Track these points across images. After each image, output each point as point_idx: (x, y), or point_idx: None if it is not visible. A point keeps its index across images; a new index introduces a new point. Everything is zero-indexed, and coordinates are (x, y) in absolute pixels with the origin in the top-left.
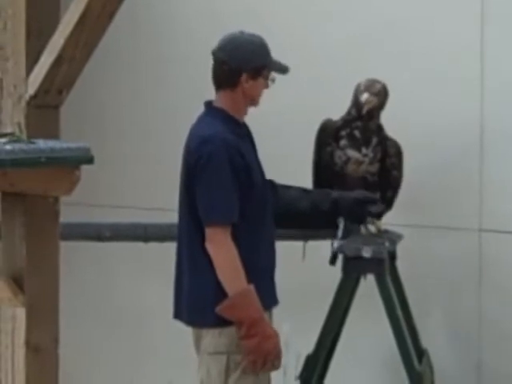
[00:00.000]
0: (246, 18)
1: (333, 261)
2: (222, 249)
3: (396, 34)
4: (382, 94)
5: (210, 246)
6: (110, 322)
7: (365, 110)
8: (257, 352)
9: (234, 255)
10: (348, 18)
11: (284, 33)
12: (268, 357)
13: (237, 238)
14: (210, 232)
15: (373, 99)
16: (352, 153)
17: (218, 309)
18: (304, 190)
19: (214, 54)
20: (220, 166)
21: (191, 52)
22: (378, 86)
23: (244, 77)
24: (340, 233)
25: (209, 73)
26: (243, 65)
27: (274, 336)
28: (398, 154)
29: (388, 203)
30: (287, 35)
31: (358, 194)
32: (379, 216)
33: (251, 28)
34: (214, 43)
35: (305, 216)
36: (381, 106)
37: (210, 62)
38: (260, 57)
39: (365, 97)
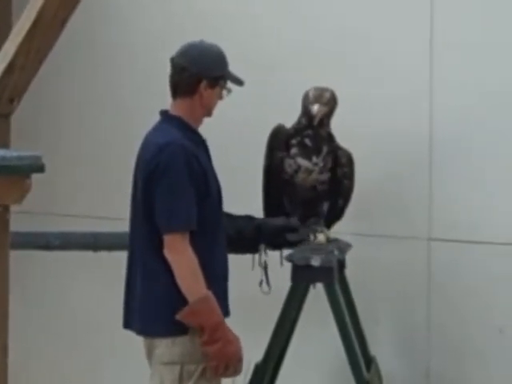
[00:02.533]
0: (200, 25)
1: (261, 283)
2: (182, 256)
3: (348, 45)
4: (331, 102)
5: (169, 254)
6: (63, 331)
7: (316, 121)
8: (220, 357)
9: (194, 262)
10: (300, 26)
11: (236, 38)
12: (230, 361)
13: (194, 247)
14: (169, 239)
15: (324, 109)
16: (302, 161)
17: (179, 315)
18: (228, 216)
19: (174, 60)
20: (178, 172)
21: (147, 61)
22: (327, 95)
23: (203, 84)
24: (261, 259)
25: (165, 82)
26: (203, 72)
27: (236, 340)
28: (350, 163)
29: (339, 212)
30: (239, 41)
31: (280, 221)
32: (296, 244)
33: (205, 34)
34: (170, 52)
35: (229, 241)
36: (330, 112)
37: (167, 71)
38: (219, 66)
39: (315, 108)
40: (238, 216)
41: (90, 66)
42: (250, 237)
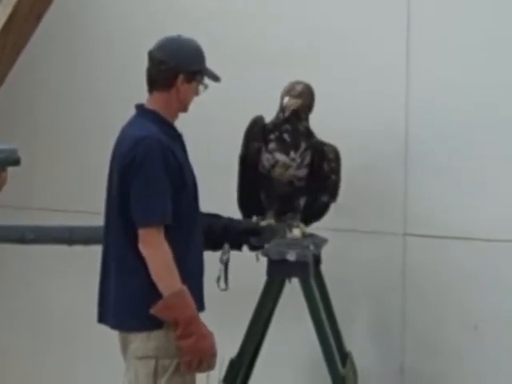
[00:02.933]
0: (179, 19)
1: (219, 279)
2: (157, 250)
3: (325, 42)
4: (305, 95)
5: (144, 248)
6: (38, 325)
7: (287, 113)
8: (193, 352)
9: (169, 256)
10: (279, 24)
11: (214, 34)
12: (204, 356)
13: (169, 241)
14: (144, 234)
15: (295, 101)
16: (280, 156)
17: (154, 310)
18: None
19: (152, 53)
20: (155, 166)
21: (123, 55)
22: (299, 88)
23: (180, 78)
24: (224, 258)
25: (141, 76)
26: (181, 65)
27: (210, 335)
28: (337, 158)
29: (323, 208)
30: (218, 36)
31: (246, 223)
32: (257, 249)
33: (185, 29)
34: (148, 45)
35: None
36: (307, 106)
37: (144, 66)
38: (197, 60)
39: (286, 100)
40: (205, 213)
41: (67, 59)
42: (217, 234)
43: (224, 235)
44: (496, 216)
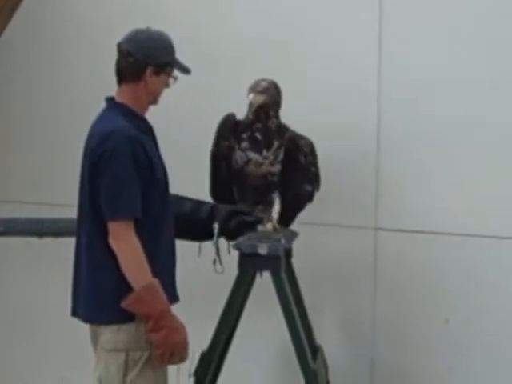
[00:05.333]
0: (149, 17)
1: (215, 262)
2: (126, 244)
3: (298, 38)
4: (270, 91)
5: (114, 242)
6: (9, 319)
7: (252, 109)
8: (165, 345)
9: (138, 250)
10: (252, 19)
11: (187, 26)
12: (175, 349)
13: (140, 235)
14: (114, 227)
15: (260, 97)
16: (253, 155)
17: (124, 303)
18: (183, 198)
19: (120, 45)
20: (123, 161)
21: (98, 47)
22: (264, 84)
23: (149, 71)
24: (215, 238)
25: (111, 70)
26: (149, 58)
27: (182, 328)
28: (312, 151)
29: (308, 196)
30: (191, 29)
31: (234, 206)
32: (252, 226)
33: (155, 22)
34: (118, 39)
35: (184, 224)
36: (274, 102)
37: (114, 58)
38: (166, 53)
39: (250, 97)
40: (191, 198)
41: (40, 51)
42: (205, 216)
43: (213, 216)
44: (466, 210)
